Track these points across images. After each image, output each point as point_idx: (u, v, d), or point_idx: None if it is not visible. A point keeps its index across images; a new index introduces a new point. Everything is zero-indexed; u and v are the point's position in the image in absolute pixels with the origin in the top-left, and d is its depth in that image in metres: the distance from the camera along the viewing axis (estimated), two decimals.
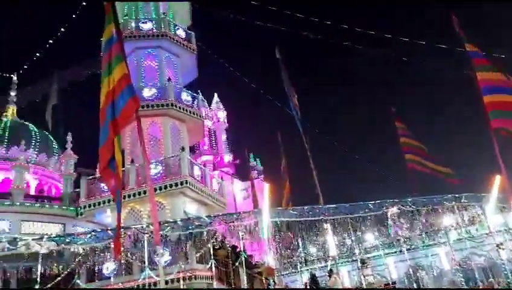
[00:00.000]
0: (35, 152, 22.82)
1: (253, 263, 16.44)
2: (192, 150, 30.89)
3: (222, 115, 39.17)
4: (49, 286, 12.57)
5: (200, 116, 22.55)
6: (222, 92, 41.16)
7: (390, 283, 18.27)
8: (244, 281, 15.72)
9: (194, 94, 22.73)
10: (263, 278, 14.91)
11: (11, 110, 26.12)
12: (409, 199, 15.80)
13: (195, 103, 22.52)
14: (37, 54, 28.58)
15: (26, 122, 24.80)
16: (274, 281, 12.98)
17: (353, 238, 15.69)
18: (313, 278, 16.48)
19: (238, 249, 17.73)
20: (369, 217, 14.66)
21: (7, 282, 13.82)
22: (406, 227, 16.36)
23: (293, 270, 20.95)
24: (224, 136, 38.77)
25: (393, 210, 14.83)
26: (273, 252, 15.56)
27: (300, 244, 14.73)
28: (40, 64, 30.34)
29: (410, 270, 21.11)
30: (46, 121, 28.67)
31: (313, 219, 13.90)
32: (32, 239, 12.66)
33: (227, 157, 38.66)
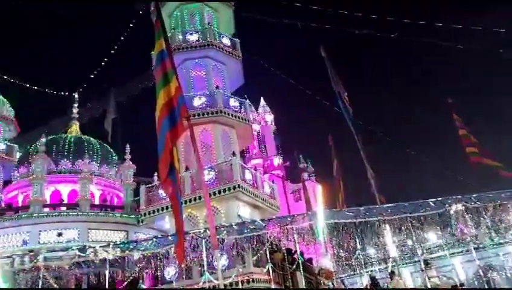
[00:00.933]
0: (98, 164, 24.28)
1: (313, 267, 16.27)
2: (242, 154, 31.27)
3: (269, 118, 39.38)
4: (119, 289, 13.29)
5: (248, 121, 22.82)
6: (269, 95, 41.41)
7: (458, 284, 17.19)
8: (302, 285, 15.60)
9: (242, 100, 23.05)
10: (322, 281, 14.69)
11: (74, 127, 28.09)
12: (474, 195, 14.81)
13: (243, 108, 22.83)
14: (94, 72, 30.69)
15: (88, 137, 26.50)
16: (333, 284, 12.74)
17: (414, 238, 14.99)
18: (373, 280, 15.97)
19: (293, 252, 17.63)
20: (430, 216, 13.94)
21: (79, 286, 14.79)
22: (472, 225, 15.34)
23: (352, 273, 20.42)
24: (272, 139, 38.94)
25: (457, 207, 13.98)
26: (330, 254, 15.28)
27: (358, 246, 14.32)
28: (97, 82, 32.50)
29: (480, 271, 19.74)
30: (105, 134, 30.57)
31: (370, 219, 13.47)
32: (100, 246, 13.47)
33: (277, 160, 38.73)
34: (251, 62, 25.38)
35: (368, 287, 15.01)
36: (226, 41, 23.37)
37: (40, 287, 12.61)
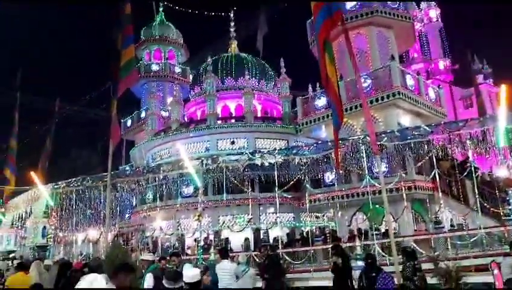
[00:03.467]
0: (257, 80, 25.91)
1: (485, 176, 14.79)
2: (401, 60, 28.63)
3: (434, 13, 34.08)
4: (284, 188, 14.87)
5: (408, 18, 20.41)
6: None
7: None
8: (471, 194, 14.48)
9: None
10: (496, 192, 13.27)
11: (233, 45, 30.03)
12: None
13: (401, 4, 20.36)
14: None
15: (246, 54, 28.11)
16: None
17: None
18: None
19: (462, 161, 16.21)
20: None
21: (254, 186, 17.08)
22: None
23: None
24: (438, 39, 34.04)
25: None
26: (510, 163, 13.44)
27: None
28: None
29: None
30: (259, 50, 31.96)
31: None
32: (267, 151, 15.00)
33: (443, 63, 34.21)
34: None
35: None
36: None
37: (223, 183, 15.13)
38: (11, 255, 17.53)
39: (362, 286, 6.90)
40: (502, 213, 12.77)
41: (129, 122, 32.21)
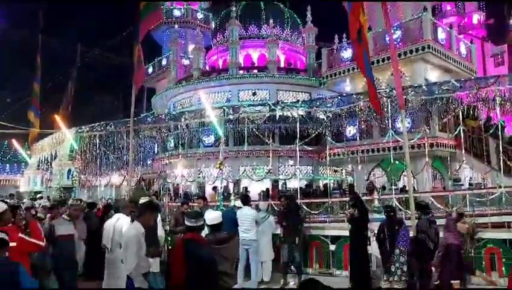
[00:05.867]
0: (281, 28, 25.00)
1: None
2: (433, 12, 27.14)
3: None
4: (305, 141, 14.92)
5: None
6: None
7: None
8: (493, 152, 14.31)
9: None
10: None
11: None
12: None
13: None
14: None
15: (271, 1, 26.92)
16: None
17: None
18: None
19: (488, 119, 15.86)
20: None
21: (274, 138, 17.16)
22: None
23: None
24: None
25: None
26: None
27: None
28: None
29: None
30: None
31: None
32: (290, 103, 14.89)
33: (477, 17, 32.29)
34: None
35: None
36: None
37: (244, 134, 15.27)
38: (38, 195, 18.47)
39: (383, 237, 7.06)
40: None
41: (150, 70, 32.18)
